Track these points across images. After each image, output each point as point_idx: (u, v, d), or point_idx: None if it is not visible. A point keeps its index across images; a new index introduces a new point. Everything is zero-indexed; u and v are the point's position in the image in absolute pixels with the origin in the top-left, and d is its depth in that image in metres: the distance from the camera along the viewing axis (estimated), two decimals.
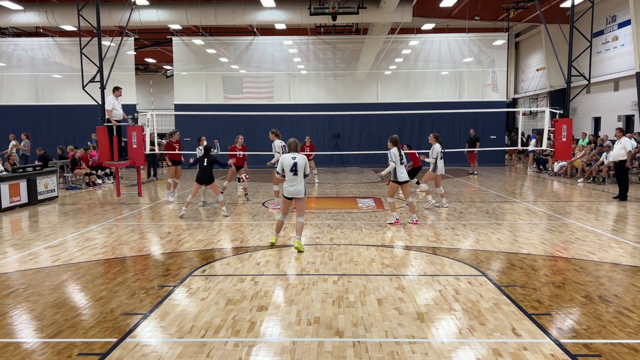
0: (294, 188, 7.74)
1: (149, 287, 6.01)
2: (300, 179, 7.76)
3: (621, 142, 12.75)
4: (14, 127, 23.36)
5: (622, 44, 19.93)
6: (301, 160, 7.77)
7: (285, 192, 7.81)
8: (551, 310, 5.14)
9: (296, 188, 7.74)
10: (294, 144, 8.01)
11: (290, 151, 7.95)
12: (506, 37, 24.31)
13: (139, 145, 13.51)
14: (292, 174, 7.73)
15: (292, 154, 7.89)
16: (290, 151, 7.96)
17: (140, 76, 35.89)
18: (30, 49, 24.90)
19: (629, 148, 12.67)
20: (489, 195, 14.01)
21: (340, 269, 6.74)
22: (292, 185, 7.74)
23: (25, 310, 5.29)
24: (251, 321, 4.90)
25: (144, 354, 4.21)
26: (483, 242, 8.33)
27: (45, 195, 13.31)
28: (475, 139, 20.06)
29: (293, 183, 7.74)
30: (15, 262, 7.26)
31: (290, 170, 7.73)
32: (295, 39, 25.21)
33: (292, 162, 7.74)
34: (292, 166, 7.72)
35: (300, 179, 7.76)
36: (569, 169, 18.13)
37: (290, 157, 7.81)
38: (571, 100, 14.53)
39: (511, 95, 30.15)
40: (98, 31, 13.64)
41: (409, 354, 4.17)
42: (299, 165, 7.73)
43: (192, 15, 21.12)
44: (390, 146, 9.91)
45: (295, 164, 7.72)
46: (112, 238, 8.84)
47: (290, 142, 8.07)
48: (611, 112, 20.95)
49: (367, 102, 24.86)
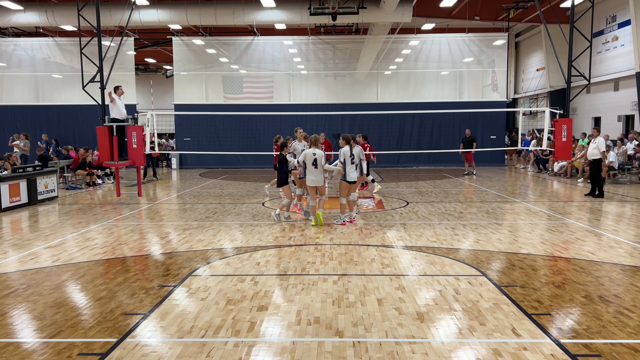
0: (317, 178, 9.50)
1: (149, 287, 6.01)
2: (320, 171, 9.50)
3: (596, 141, 13.17)
4: (14, 127, 23.38)
5: (622, 44, 19.92)
6: (320, 155, 9.49)
7: (310, 182, 9.53)
8: (551, 310, 5.14)
9: (319, 178, 9.52)
10: (315, 139, 9.62)
11: (312, 146, 9.54)
12: (506, 37, 24.31)
13: (139, 145, 13.52)
14: (313, 167, 9.42)
15: (313, 149, 9.50)
16: (312, 146, 9.56)
17: (140, 76, 35.89)
18: (30, 49, 24.89)
19: (602, 148, 13.17)
20: (489, 195, 14.01)
21: (340, 269, 6.75)
22: (315, 175, 9.48)
23: (25, 310, 5.29)
24: (251, 321, 4.90)
25: (144, 354, 4.22)
26: (483, 242, 8.33)
27: (45, 195, 13.31)
28: (472, 139, 20.07)
29: (316, 174, 9.46)
30: (15, 262, 7.26)
31: (312, 164, 9.41)
32: (295, 39, 25.20)
33: (314, 157, 9.43)
34: (313, 160, 9.42)
35: (320, 171, 9.50)
36: (569, 169, 18.13)
37: (312, 153, 9.48)
38: (571, 100, 14.54)
39: (511, 95, 30.15)
40: (98, 31, 13.64)
41: (409, 354, 4.17)
42: (319, 159, 9.45)
43: (192, 15, 21.12)
44: (343, 144, 9.83)
45: (316, 159, 9.42)
46: (112, 238, 8.84)
47: (312, 138, 9.69)
48: (611, 112, 20.94)
49: (367, 102, 24.85)
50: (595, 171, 13.29)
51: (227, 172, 20.69)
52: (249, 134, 23.46)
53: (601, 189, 13.19)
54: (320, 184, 9.58)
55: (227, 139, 22.18)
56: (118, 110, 13.47)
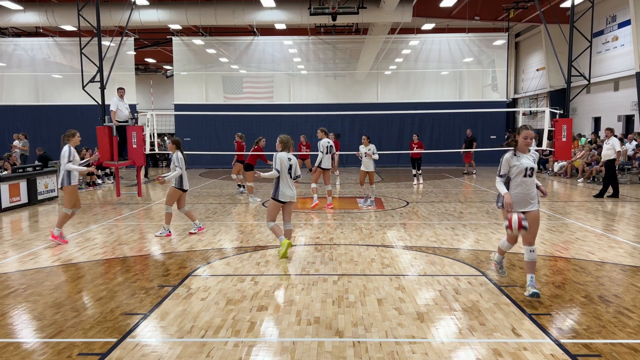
0: (292, 192, 7.25)
1: (149, 287, 6.01)
2: (292, 182, 7.31)
3: (609, 142, 12.88)
4: (14, 127, 23.38)
5: (622, 44, 19.90)
6: (295, 162, 7.31)
7: (282, 197, 7.16)
8: (551, 310, 5.14)
9: (294, 192, 7.29)
10: (289, 141, 7.44)
11: (284, 150, 7.33)
12: (506, 37, 24.31)
13: (139, 145, 13.52)
14: (289, 176, 7.22)
15: (287, 153, 7.30)
16: (284, 150, 7.33)
17: (140, 76, 35.85)
18: (30, 49, 24.90)
19: (617, 148, 12.83)
20: (489, 195, 14.01)
21: (340, 269, 6.74)
22: (290, 188, 7.22)
23: (25, 310, 5.29)
24: (251, 321, 4.90)
25: (144, 354, 4.21)
26: (483, 242, 8.33)
27: (45, 195, 13.31)
28: (472, 139, 20.08)
29: (291, 186, 7.26)
30: (15, 262, 7.26)
31: (288, 172, 7.20)
32: (295, 39, 25.20)
33: (289, 163, 7.21)
34: (289, 167, 7.19)
35: (292, 182, 7.31)
36: (569, 169, 18.13)
37: (287, 158, 7.23)
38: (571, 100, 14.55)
39: (511, 95, 30.13)
40: (98, 31, 13.64)
41: (409, 354, 4.17)
42: (294, 167, 7.27)
43: (192, 15, 21.12)
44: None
45: (291, 165, 7.24)
46: (112, 238, 8.84)
47: (285, 139, 7.42)
48: (611, 112, 20.92)
49: (367, 102, 24.85)
50: (609, 172, 12.95)
51: (227, 172, 20.66)
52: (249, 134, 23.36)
53: (617, 189, 12.93)
54: (294, 199, 7.32)
55: (227, 139, 22.13)
56: (120, 111, 13.50)
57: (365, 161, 11.90)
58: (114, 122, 13.26)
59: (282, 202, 7.24)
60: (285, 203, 7.27)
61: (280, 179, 7.18)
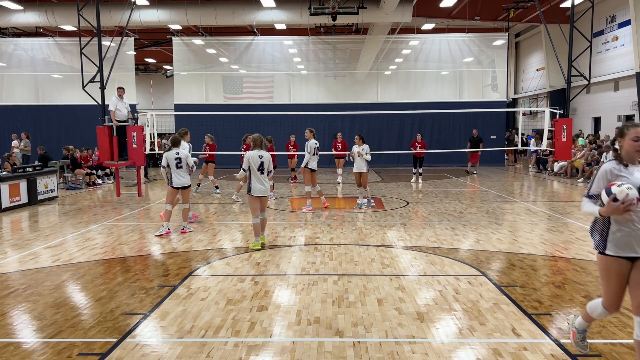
0: (265, 187, 7.79)
1: (149, 287, 6.01)
2: (266, 177, 7.83)
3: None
4: (14, 127, 23.36)
5: (622, 44, 19.92)
6: (267, 158, 7.78)
7: (255, 192, 7.73)
8: (551, 310, 5.14)
9: (266, 187, 7.82)
10: (260, 140, 7.88)
11: (256, 148, 7.81)
12: (506, 37, 24.30)
13: (139, 145, 13.52)
14: (259, 173, 7.71)
15: (258, 151, 7.77)
16: (255, 148, 7.82)
17: (140, 76, 35.87)
18: (30, 49, 24.88)
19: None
20: (489, 195, 14.01)
21: (340, 269, 6.74)
22: (262, 184, 7.75)
23: (25, 310, 5.29)
24: (251, 321, 4.90)
25: (144, 354, 4.21)
26: (483, 242, 8.33)
27: (45, 195, 13.31)
28: (478, 139, 20.08)
29: (263, 182, 7.77)
30: (15, 262, 7.26)
31: (258, 169, 7.70)
32: (295, 39, 25.19)
33: (260, 160, 7.71)
34: (259, 164, 7.70)
35: (266, 177, 7.83)
36: (569, 169, 18.13)
37: (257, 155, 7.73)
38: (571, 100, 14.55)
39: (511, 95, 30.16)
40: (98, 31, 13.64)
41: (409, 354, 4.17)
42: (265, 164, 7.76)
43: (192, 15, 21.11)
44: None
45: (262, 162, 7.72)
46: (112, 238, 8.84)
47: (256, 137, 7.90)
48: (611, 112, 20.94)
49: (367, 102, 24.84)
50: None
51: (227, 172, 20.66)
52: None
53: None
54: (267, 194, 7.94)
55: (227, 139, 22.12)
56: (119, 111, 13.49)
57: (358, 162, 11.65)
58: (114, 122, 13.26)
59: (257, 197, 7.84)
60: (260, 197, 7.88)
61: (252, 176, 7.76)
